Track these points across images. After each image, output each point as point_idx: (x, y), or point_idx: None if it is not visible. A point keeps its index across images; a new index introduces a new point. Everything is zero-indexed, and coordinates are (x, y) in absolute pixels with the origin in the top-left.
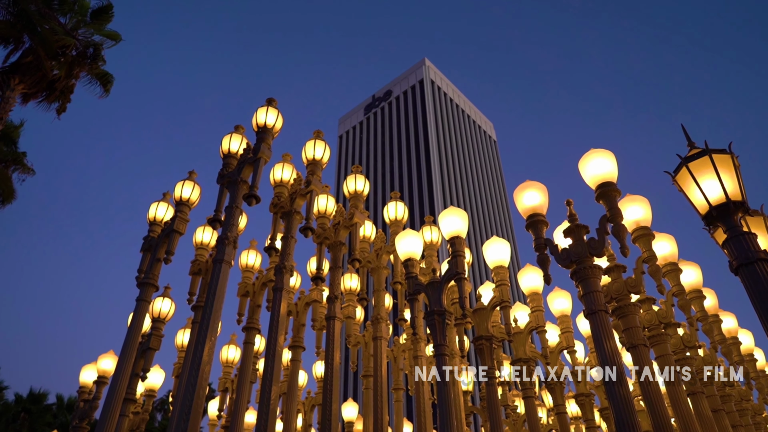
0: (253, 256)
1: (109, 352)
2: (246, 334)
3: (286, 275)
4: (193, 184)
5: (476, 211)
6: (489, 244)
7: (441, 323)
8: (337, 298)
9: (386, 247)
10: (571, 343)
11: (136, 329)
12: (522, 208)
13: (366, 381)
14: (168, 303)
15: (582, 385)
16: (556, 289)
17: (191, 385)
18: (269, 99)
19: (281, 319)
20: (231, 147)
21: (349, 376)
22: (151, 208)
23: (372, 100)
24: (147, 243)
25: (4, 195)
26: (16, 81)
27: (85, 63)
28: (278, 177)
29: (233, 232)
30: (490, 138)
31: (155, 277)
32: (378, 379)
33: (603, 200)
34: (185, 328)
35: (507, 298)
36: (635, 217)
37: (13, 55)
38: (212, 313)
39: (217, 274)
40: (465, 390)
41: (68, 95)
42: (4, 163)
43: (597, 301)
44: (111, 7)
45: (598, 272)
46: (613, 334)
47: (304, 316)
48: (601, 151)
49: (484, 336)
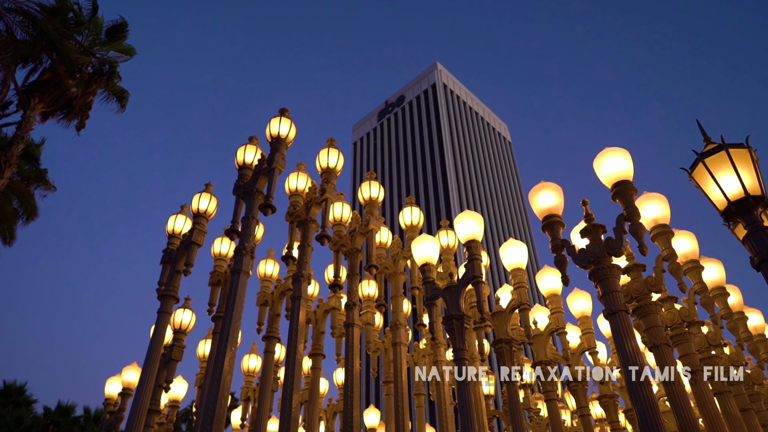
0: (271, 266)
1: (133, 364)
2: (266, 343)
3: (304, 283)
4: (210, 196)
5: (493, 213)
6: (506, 246)
7: (460, 327)
8: (356, 304)
9: (403, 252)
10: (593, 344)
11: (159, 341)
12: (537, 210)
13: (387, 387)
14: (189, 314)
15: (605, 387)
16: (576, 290)
17: (213, 395)
18: (282, 109)
19: (300, 327)
20: (246, 158)
21: (370, 382)
22: (169, 221)
23: (385, 106)
24: (166, 255)
25: (28, 212)
26: (36, 100)
27: (102, 80)
28: (293, 186)
29: (250, 243)
30: (504, 139)
31: (175, 288)
32: (398, 385)
33: (619, 199)
34: (206, 339)
35: (525, 301)
36: (653, 215)
37: (32, 74)
38: (232, 324)
39: (235, 285)
40: (487, 394)
41: (86, 112)
42: (26, 181)
43: (616, 301)
44: (126, 25)
45: (617, 272)
46: (634, 334)
47: (323, 323)
48: (615, 149)
49: (504, 339)
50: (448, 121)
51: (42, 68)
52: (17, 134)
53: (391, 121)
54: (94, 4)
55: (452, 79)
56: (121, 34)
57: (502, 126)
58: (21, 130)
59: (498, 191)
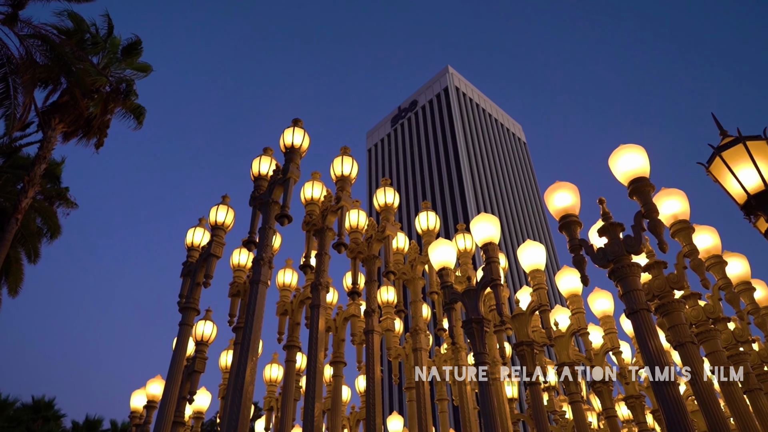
0: (290, 275)
1: (157, 376)
2: (287, 353)
3: (323, 292)
4: (227, 208)
5: (510, 215)
6: (524, 248)
7: (480, 331)
8: (375, 311)
9: (420, 257)
10: (616, 344)
11: (181, 353)
12: (554, 210)
13: (409, 393)
14: (210, 326)
15: (631, 387)
16: (596, 289)
17: (236, 405)
18: (295, 120)
19: (320, 335)
20: (261, 169)
21: (392, 389)
22: (188, 234)
23: (398, 112)
24: (186, 268)
25: (51, 230)
26: (56, 120)
27: (119, 98)
28: (309, 195)
29: (268, 253)
30: (519, 140)
31: (196, 301)
32: (420, 391)
33: (636, 196)
34: (228, 350)
35: (545, 302)
36: (672, 211)
37: (51, 96)
38: (252, 334)
39: (254, 295)
40: (510, 397)
41: (105, 130)
42: (49, 199)
43: (638, 299)
44: (140, 42)
45: (637, 270)
46: (657, 332)
47: (343, 331)
48: (630, 146)
49: (525, 341)
50: (461, 124)
51: (60, 90)
52: (39, 154)
53: (404, 127)
54: (109, 24)
55: (464, 82)
56: (136, 52)
57: (516, 126)
58: (43, 150)
59: (514, 192)
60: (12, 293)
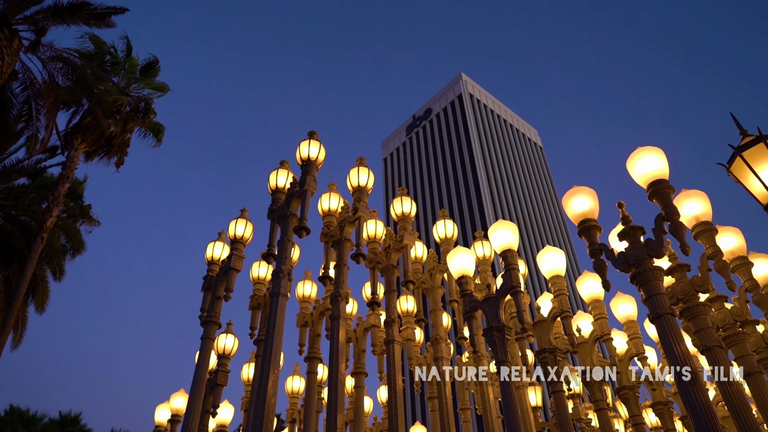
0: (309, 287)
1: (180, 390)
2: (308, 364)
3: (342, 303)
4: (246, 222)
5: (529, 220)
6: (543, 254)
7: (501, 339)
8: (395, 321)
9: (439, 266)
10: (641, 349)
11: (203, 367)
12: (572, 215)
13: (431, 403)
14: (231, 339)
15: (658, 393)
16: (619, 294)
17: (259, 418)
18: (311, 132)
19: (341, 346)
20: (278, 182)
21: (414, 399)
22: (208, 248)
23: (413, 120)
24: (207, 282)
25: (75, 247)
26: (79, 140)
27: (138, 117)
28: (326, 207)
29: (287, 265)
30: (535, 145)
31: (217, 314)
32: (443, 401)
33: (656, 199)
34: (249, 362)
35: (567, 308)
36: (694, 213)
37: (74, 117)
38: (273, 346)
39: (274, 308)
40: (534, 406)
41: (125, 149)
42: (72, 217)
43: (661, 303)
44: (157, 62)
45: (660, 274)
46: (682, 337)
47: (364, 341)
48: (648, 148)
49: (547, 349)
50: (476, 131)
51: (82, 111)
52: (62, 174)
53: (419, 135)
54: (128, 46)
55: (478, 89)
56: (153, 71)
57: (532, 131)
58: (66, 170)
59: (532, 198)
60: (39, 310)
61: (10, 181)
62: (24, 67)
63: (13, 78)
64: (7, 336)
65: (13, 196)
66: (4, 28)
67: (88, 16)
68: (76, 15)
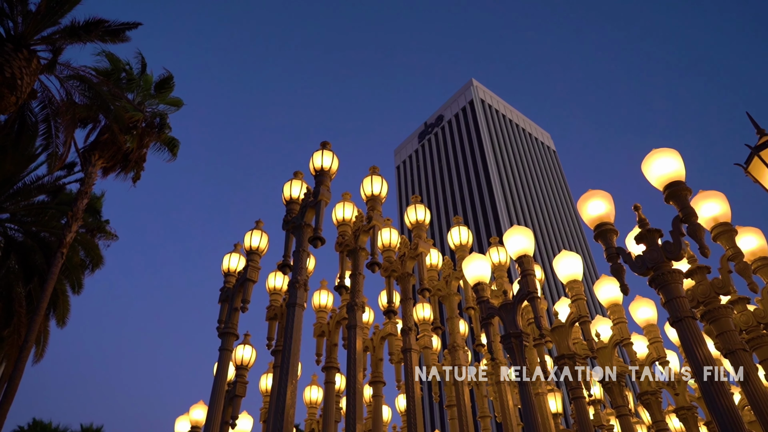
0: (325, 296)
1: (199, 402)
2: (326, 374)
3: (359, 312)
4: (261, 233)
5: (544, 225)
6: (559, 258)
7: (519, 345)
8: (412, 329)
9: (454, 273)
10: (662, 353)
11: (222, 378)
12: (588, 219)
13: (450, 411)
14: (249, 350)
15: (681, 398)
16: (638, 297)
17: (277, 428)
18: (323, 142)
19: (358, 355)
20: (292, 193)
21: (433, 407)
22: (224, 260)
23: (425, 128)
24: (224, 294)
25: (94, 262)
26: (96, 157)
27: (154, 132)
28: (340, 216)
29: (303, 276)
30: (548, 149)
31: (234, 326)
32: (462, 408)
33: (673, 201)
34: (267, 373)
35: (585, 313)
36: (712, 214)
37: (91, 134)
38: (291, 357)
39: (291, 318)
40: (554, 412)
41: (141, 164)
42: (90, 232)
43: (682, 307)
44: (172, 78)
45: (679, 277)
46: (704, 340)
47: (381, 350)
48: (664, 150)
49: (566, 354)
50: (489, 136)
51: (99, 127)
52: (81, 190)
53: (431, 142)
54: (142, 63)
55: (489, 94)
56: (168, 87)
57: (545, 135)
58: (84, 186)
59: (547, 202)
60: (60, 324)
61: (30, 198)
62: (42, 86)
63: (32, 97)
64: (29, 350)
65: (33, 212)
66: (23, 49)
67: (103, 33)
68: (92, 33)
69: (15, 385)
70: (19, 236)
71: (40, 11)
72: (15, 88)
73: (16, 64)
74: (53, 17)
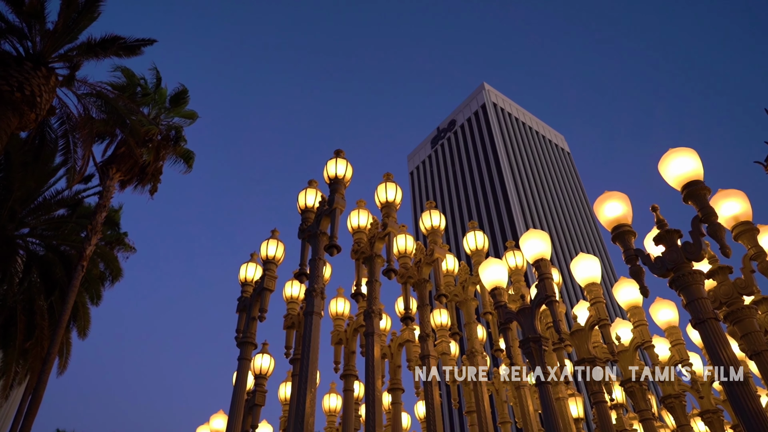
0: (342, 304)
1: (219, 411)
2: (344, 382)
3: (376, 319)
4: (277, 242)
5: (560, 227)
6: (577, 261)
7: (538, 350)
8: (429, 335)
9: (471, 278)
10: (685, 355)
11: (241, 387)
12: (605, 221)
13: (470, 417)
14: (267, 359)
15: (706, 401)
16: (658, 299)
17: None
18: (337, 151)
19: (377, 363)
20: (307, 202)
21: (453, 413)
22: (240, 269)
23: (437, 133)
24: (241, 303)
25: (113, 274)
26: (114, 170)
27: (170, 145)
28: (355, 224)
29: (319, 284)
30: (563, 150)
31: (252, 335)
32: (482, 415)
33: (692, 200)
34: (286, 382)
35: (605, 316)
36: (732, 213)
37: (108, 148)
38: (309, 365)
39: (309, 327)
40: (576, 417)
41: (158, 176)
42: (109, 245)
43: (704, 308)
44: (186, 91)
45: (700, 277)
46: (728, 342)
47: (399, 357)
48: (681, 149)
49: (586, 358)
50: (502, 140)
51: (116, 141)
52: (99, 203)
53: (444, 147)
54: (157, 77)
55: (501, 97)
56: (183, 101)
57: (559, 137)
58: (102, 200)
59: (562, 204)
60: (81, 336)
61: (50, 212)
62: (60, 103)
63: (51, 113)
64: (52, 362)
65: (53, 226)
66: (42, 67)
67: (118, 48)
68: (108, 49)
69: (39, 396)
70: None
71: (57, 30)
72: (35, 105)
73: (35, 81)
74: (70, 35)
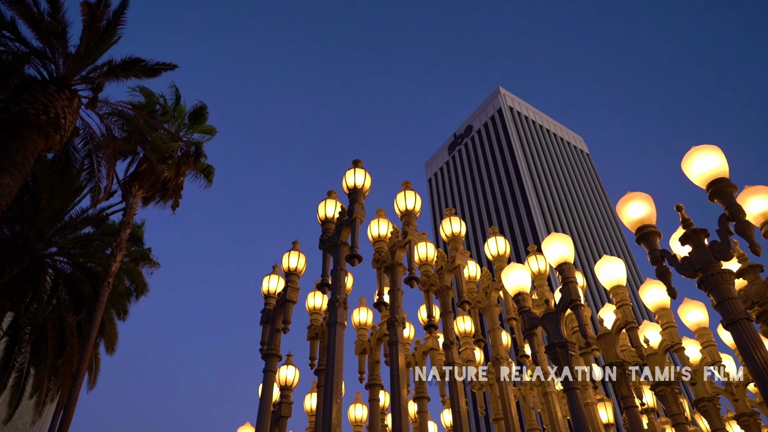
0: (365, 313)
1: (246, 424)
2: (370, 391)
3: (399, 328)
4: (299, 254)
5: (582, 230)
6: (601, 264)
7: (564, 355)
8: (453, 343)
9: (494, 284)
10: (717, 357)
11: (267, 399)
12: (628, 222)
13: (497, 425)
14: (292, 370)
15: (741, 404)
16: (686, 300)
17: None
18: (355, 161)
19: (401, 372)
20: (327, 212)
21: (479, 421)
22: (263, 282)
23: (454, 139)
24: (265, 315)
25: (139, 290)
26: (136, 187)
27: (190, 161)
28: (375, 233)
29: (342, 294)
30: (582, 152)
31: (277, 347)
32: (509, 422)
33: (718, 198)
34: (311, 393)
35: (631, 319)
36: (761, 210)
37: (131, 165)
38: (334, 376)
39: (332, 337)
40: (606, 423)
41: (179, 192)
42: (134, 261)
43: (735, 308)
44: (205, 108)
45: (730, 277)
46: (762, 342)
47: (424, 365)
48: (705, 147)
49: (615, 362)
50: (520, 143)
51: (138, 159)
52: (123, 220)
53: (462, 153)
54: (176, 94)
55: (517, 101)
56: (202, 117)
57: (577, 138)
58: (126, 216)
59: (583, 206)
60: (109, 351)
61: (76, 230)
62: (84, 123)
63: (75, 134)
64: (82, 378)
65: (79, 244)
66: (65, 90)
67: (139, 71)
68: (130, 71)
69: (70, 412)
70: (68, 268)
71: (80, 53)
72: (59, 127)
73: (59, 104)
74: (91, 57)
